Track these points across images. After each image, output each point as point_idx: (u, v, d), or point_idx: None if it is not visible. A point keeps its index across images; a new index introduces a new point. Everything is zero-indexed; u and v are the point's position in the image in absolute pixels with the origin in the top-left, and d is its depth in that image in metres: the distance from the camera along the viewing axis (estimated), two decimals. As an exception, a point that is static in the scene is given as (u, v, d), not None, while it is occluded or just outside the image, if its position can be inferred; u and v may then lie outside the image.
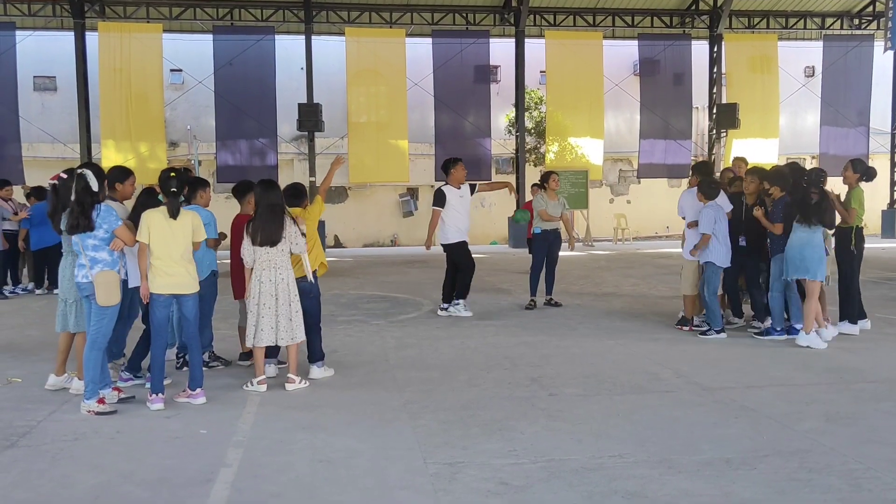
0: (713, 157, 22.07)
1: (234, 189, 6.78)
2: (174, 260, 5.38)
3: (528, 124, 23.14)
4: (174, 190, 5.40)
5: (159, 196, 5.87)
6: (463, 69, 21.04)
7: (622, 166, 26.95)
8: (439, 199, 9.17)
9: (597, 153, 21.90)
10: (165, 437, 4.76)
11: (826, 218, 7.24)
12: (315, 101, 20.11)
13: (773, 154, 21.83)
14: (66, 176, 5.22)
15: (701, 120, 24.89)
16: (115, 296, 5.22)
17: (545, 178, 10.05)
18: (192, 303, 5.52)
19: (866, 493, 3.74)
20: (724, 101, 22.48)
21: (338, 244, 24.85)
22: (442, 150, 20.89)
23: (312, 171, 20.64)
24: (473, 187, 9.44)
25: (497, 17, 21.58)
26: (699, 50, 22.52)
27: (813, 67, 25.21)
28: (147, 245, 5.35)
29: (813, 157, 24.27)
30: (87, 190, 5.14)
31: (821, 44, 23.08)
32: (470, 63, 21.10)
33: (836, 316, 7.91)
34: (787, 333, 7.46)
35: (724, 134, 22.28)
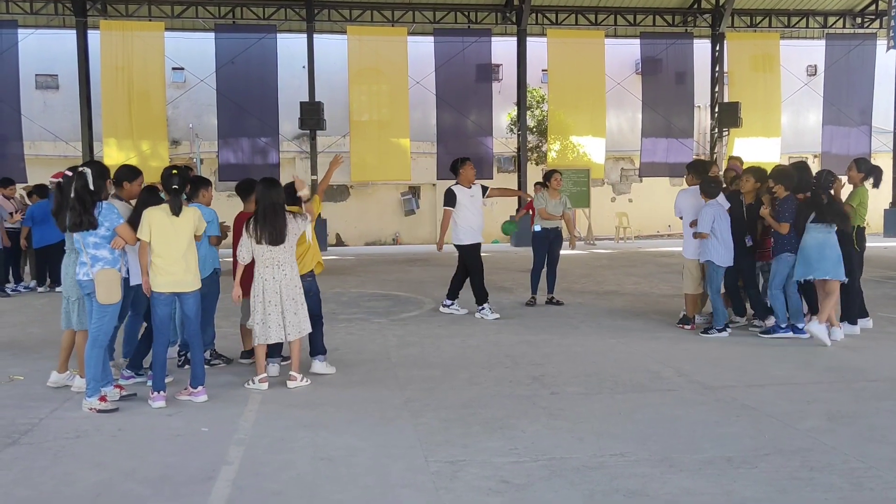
0: (715, 155, 22.05)
1: (238, 187, 6.78)
2: (175, 258, 5.39)
3: (530, 123, 23.12)
4: (176, 187, 5.40)
5: (161, 194, 5.87)
6: (465, 68, 21.03)
7: (624, 165, 26.94)
8: (450, 199, 9.06)
9: (599, 152, 21.89)
10: (167, 434, 4.77)
11: (839, 217, 7.29)
12: (317, 100, 20.12)
13: (776, 153, 21.81)
14: (71, 174, 5.24)
15: (703, 119, 24.87)
16: (115, 294, 5.22)
17: (547, 176, 10.10)
18: (194, 301, 5.52)
19: (868, 491, 3.74)
20: (726, 99, 22.46)
21: (339, 242, 24.85)
22: (444, 148, 20.89)
23: (314, 170, 20.65)
24: (485, 189, 9.34)
25: (499, 16, 21.58)
26: (701, 48, 22.50)
27: (815, 66, 25.17)
28: (148, 243, 5.36)
29: (815, 157, 24.26)
30: (87, 188, 5.15)
31: (823, 42, 23.05)
32: (472, 61, 21.09)
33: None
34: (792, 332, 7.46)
35: (726, 133, 22.27)
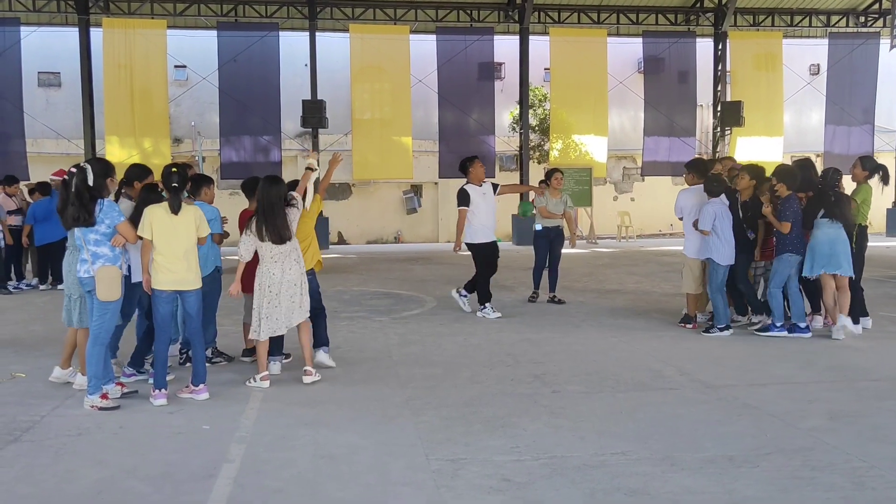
0: (717, 154, 22.02)
1: (244, 185, 6.79)
2: (177, 256, 5.38)
3: (532, 121, 23.10)
4: (175, 185, 5.40)
5: (162, 192, 5.87)
6: (467, 66, 21.01)
7: (626, 164, 26.92)
8: (464, 198, 8.94)
9: (601, 151, 21.88)
10: (168, 432, 4.77)
11: (848, 213, 7.34)
12: (319, 98, 20.11)
13: (778, 152, 21.78)
14: (76, 171, 5.25)
15: (705, 117, 24.84)
16: (115, 291, 5.22)
17: (548, 175, 10.13)
18: (195, 299, 5.52)
19: (870, 491, 3.73)
20: (728, 98, 22.43)
21: (341, 241, 24.86)
22: (446, 147, 20.88)
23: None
24: (496, 187, 9.29)
25: (501, 14, 21.56)
26: (704, 47, 22.47)
27: (818, 65, 25.13)
28: (150, 241, 5.36)
29: (817, 156, 24.21)
30: (85, 183, 5.15)
31: (826, 41, 23.00)
32: (474, 60, 21.07)
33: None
34: (790, 332, 7.45)
35: (729, 132, 22.24)
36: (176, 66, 22.38)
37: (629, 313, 9.15)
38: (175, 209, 5.37)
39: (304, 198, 6.25)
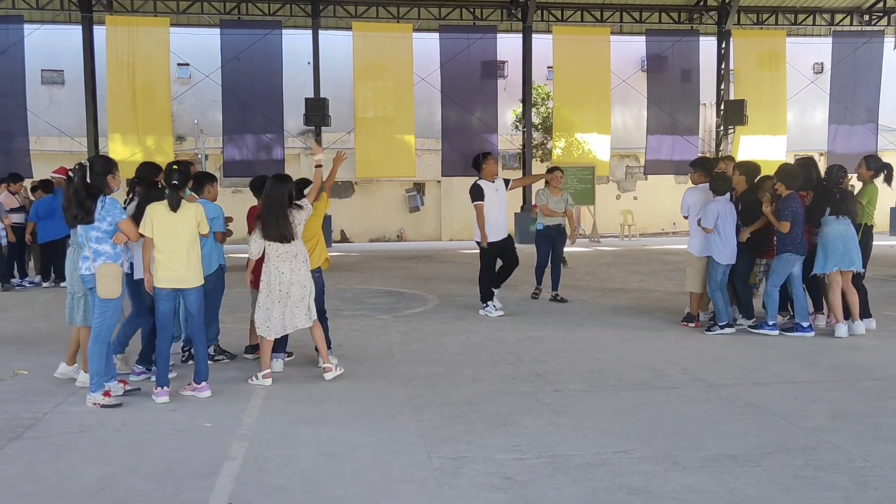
0: (720, 153, 21.97)
1: (252, 184, 6.79)
2: (177, 254, 5.38)
3: (535, 120, 23.07)
4: (175, 183, 5.40)
5: (165, 189, 5.88)
6: (470, 64, 20.97)
7: (629, 162, 26.88)
8: (478, 193, 8.86)
9: (604, 149, 21.83)
10: (170, 429, 4.78)
11: (854, 209, 7.41)
12: (322, 96, 20.09)
13: (781, 151, 21.71)
14: (78, 168, 5.26)
15: (708, 116, 24.78)
16: (116, 289, 5.22)
17: (549, 173, 10.08)
18: (195, 297, 5.51)
19: (872, 490, 3.73)
20: (731, 97, 22.36)
21: (344, 239, 24.86)
22: (448, 145, 20.86)
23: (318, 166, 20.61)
24: (507, 182, 9.26)
25: (504, 13, 21.51)
26: (707, 46, 22.40)
27: (822, 64, 25.06)
28: (151, 238, 5.36)
29: (821, 155, 24.14)
30: (83, 181, 5.15)
31: (830, 40, 22.94)
32: (477, 58, 21.02)
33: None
34: (794, 331, 7.45)
35: (732, 130, 22.19)
36: (179, 64, 22.37)
37: (632, 312, 9.14)
38: (174, 207, 5.37)
39: (318, 195, 6.25)
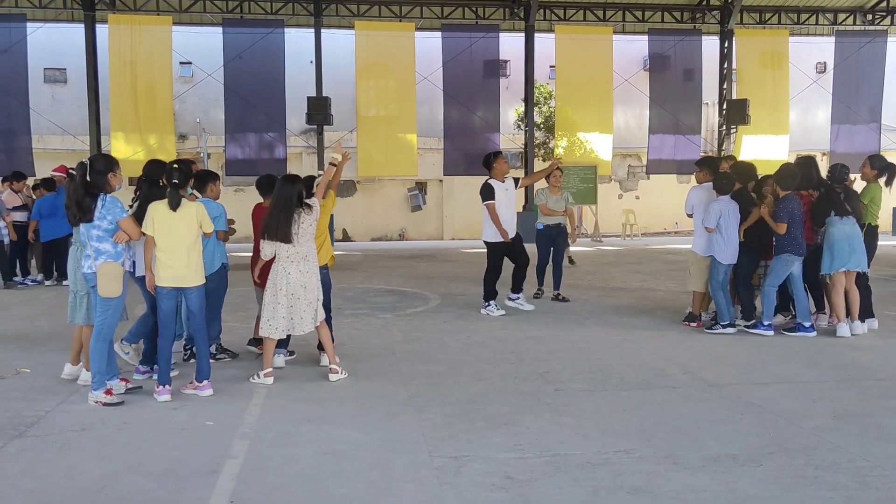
0: (723, 152, 21.95)
1: (259, 182, 6.82)
2: (178, 252, 5.38)
3: (538, 119, 23.06)
4: (175, 181, 5.40)
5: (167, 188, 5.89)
6: (472, 63, 20.97)
7: (631, 162, 26.87)
8: (488, 193, 8.79)
9: (606, 148, 21.82)
10: (172, 428, 4.78)
11: (858, 207, 7.42)
12: (324, 95, 20.10)
13: (784, 150, 21.68)
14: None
15: (711, 116, 24.76)
16: (116, 288, 5.22)
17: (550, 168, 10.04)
18: (196, 295, 5.51)
19: (874, 490, 3.73)
20: (734, 96, 22.35)
21: (346, 238, 24.87)
22: (451, 144, 20.87)
23: (321, 165, 20.64)
24: (516, 181, 9.20)
25: (507, 12, 21.51)
26: (710, 45, 22.38)
27: (825, 63, 25.01)
28: (153, 237, 5.36)
29: (823, 154, 24.12)
30: (83, 179, 5.16)
31: (833, 39, 22.90)
32: (479, 57, 21.02)
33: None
34: (796, 331, 7.46)
35: (734, 130, 22.17)
36: (181, 63, 22.40)
37: (633, 311, 9.14)
38: (174, 205, 5.37)
39: (326, 192, 6.25)
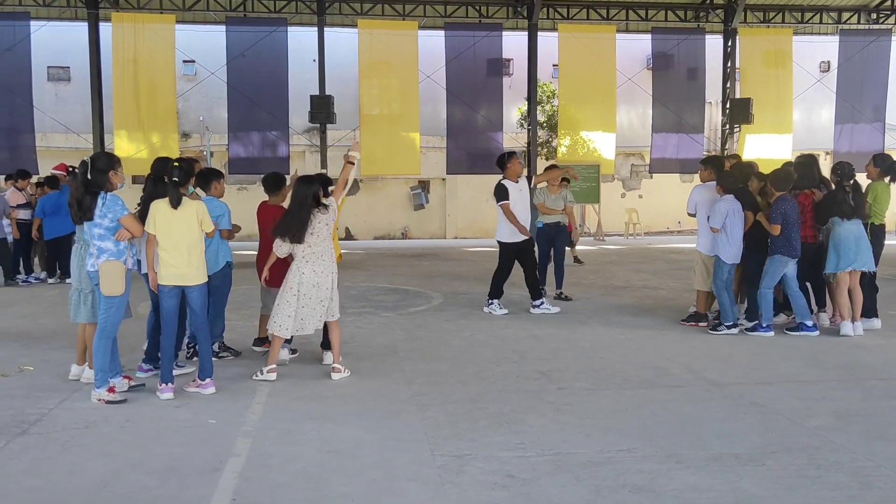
0: (726, 152, 21.92)
1: (265, 181, 6.83)
2: (179, 251, 5.39)
3: (541, 118, 23.03)
4: (175, 179, 5.40)
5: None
6: (475, 62, 20.94)
7: (634, 161, 26.83)
8: (502, 193, 8.71)
9: (609, 147, 21.79)
10: (174, 426, 4.79)
11: (864, 206, 7.46)
12: (327, 93, 20.09)
13: (787, 149, 21.63)
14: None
15: (714, 115, 24.72)
16: (118, 286, 5.22)
17: (546, 172, 10.02)
18: (198, 294, 5.51)
19: (876, 490, 3.72)
20: (737, 95, 22.30)
21: (349, 236, 24.86)
22: (453, 143, 20.86)
23: (324, 163, 20.65)
24: (530, 180, 9.17)
25: (510, 10, 21.48)
26: (713, 44, 22.34)
27: (828, 62, 24.95)
28: (154, 235, 5.37)
29: (827, 154, 24.09)
30: (84, 178, 5.17)
31: (837, 38, 22.85)
32: (482, 56, 20.99)
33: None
34: (798, 330, 7.45)
35: (738, 129, 22.13)
36: (185, 61, 22.39)
37: (636, 310, 9.13)
38: (174, 204, 5.37)
39: (342, 189, 6.30)
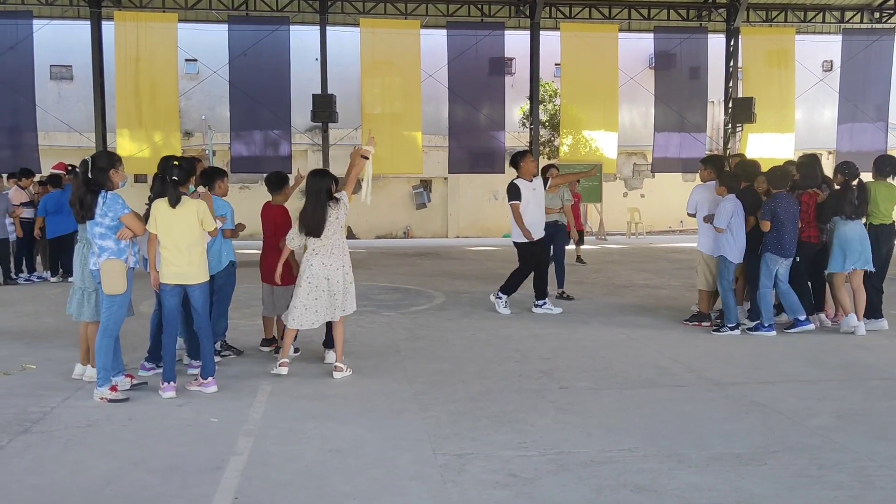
0: (728, 151, 21.90)
1: (268, 179, 6.84)
2: (180, 249, 5.39)
3: (543, 117, 23.03)
4: (175, 178, 5.41)
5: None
6: (478, 61, 20.94)
7: (636, 160, 26.83)
8: (514, 193, 8.71)
9: (611, 147, 21.78)
10: (177, 424, 4.80)
11: (863, 208, 7.51)
12: (329, 92, 20.10)
13: (789, 149, 21.61)
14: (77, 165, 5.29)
15: (716, 114, 24.70)
16: (119, 285, 5.22)
17: (544, 171, 10.00)
18: (200, 293, 5.51)
19: (878, 490, 3.72)
20: (740, 95, 22.28)
21: (350, 235, 24.89)
22: (456, 142, 20.86)
23: (326, 162, 20.65)
24: (546, 181, 9.15)
25: (512, 9, 21.48)
26: (716, 43, 22.32)
27: (831, 62, 24.93)
28: (156, 234, 5.38)
29: (829, 153, 24.07)
30: (85, 176, 5.18)
31: (839, 38, 22.82)
32: (485, 55, 20.99)
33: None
34: (795, 327, 7.47)
35: (740, 128, 22.11)
36: (187, 60, 22.39)
37: (638, 310, 9.13)
38: (173, 203, 5.38)
39: (353, 185, 6.31)
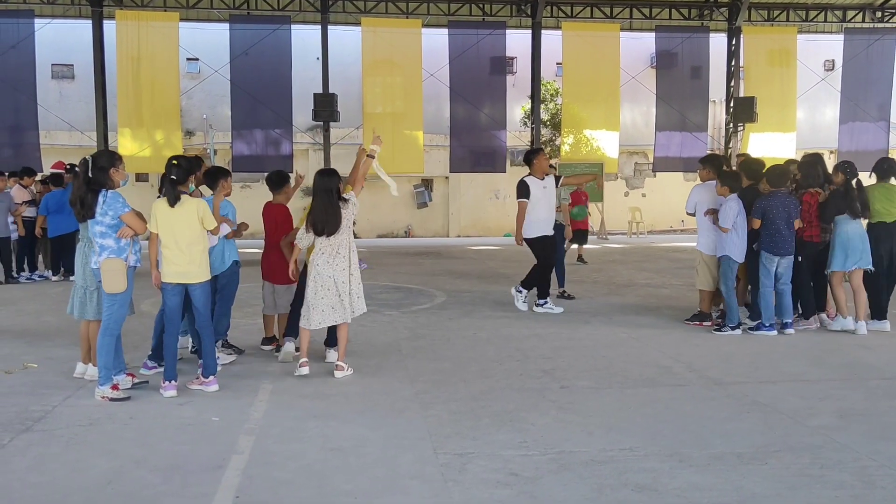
0: (729, 150, 21.90)
1: (269, 178, 6.84)
2: (180, 248, 5.40)
3: (544, 116, 23.02)
4: (173, 177, 5.41)
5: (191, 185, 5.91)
6: (479, 60, 20.94)
7: (638, 159, 26.82)
8: (524, 190, 8.72)
9: (612, 146, 21.78)
10: (178, 423, 4.80)
11: (867, 207, 7.54)
12: (330, 92, 20.10)
13: (791, 148, 21.59)
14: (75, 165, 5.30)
15: (718, 113, 24.68)
16: (119, 283, 5.23)
17: None
18: (201, 292, 5.52)
19: (879, 490, 3.72)
20: (741, 94, 22.27)
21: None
22: (457, 141, 20.86)
23: (328, 161, 20.65)
24: (558, 179, 9.14)
25: (514, 9, 21.46)
26: (717, 43, 22.31)
27: (833, 61, 24.90)
28: (157, 234, 5.38)
29: (831, 153, 24.04)
30: (85, 175, 5.18)
31: (841, 37, 22.80)
32: (486, 54, 20.99)
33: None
34: (783, 329, 7.48)
35: (741, 128, 22.10)
36: (188, 59, 22.42)
37: (639, 309, 9.13)
38: (171, 202, 5.38)
39: (361, 184, 6.28)
